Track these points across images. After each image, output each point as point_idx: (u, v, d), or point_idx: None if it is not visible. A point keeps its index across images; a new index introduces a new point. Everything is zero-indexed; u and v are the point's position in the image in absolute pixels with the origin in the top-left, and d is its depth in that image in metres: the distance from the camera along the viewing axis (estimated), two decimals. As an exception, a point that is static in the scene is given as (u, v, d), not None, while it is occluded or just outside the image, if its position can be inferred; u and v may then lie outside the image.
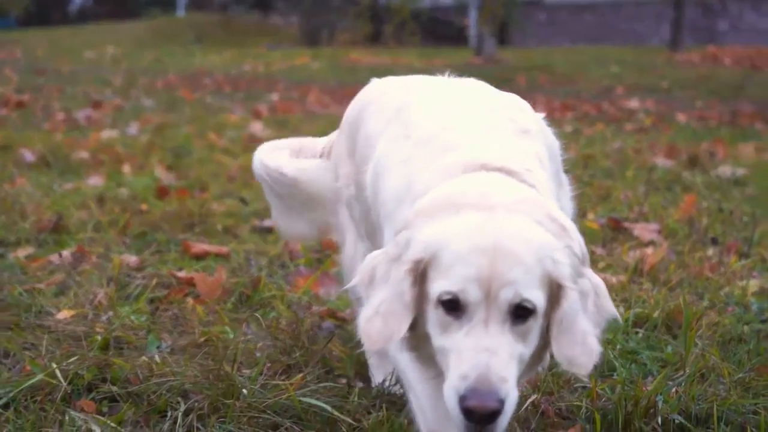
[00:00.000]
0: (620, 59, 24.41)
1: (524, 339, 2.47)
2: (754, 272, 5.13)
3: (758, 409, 3.28)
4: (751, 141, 11.07)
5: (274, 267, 5.29)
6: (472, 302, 2.43)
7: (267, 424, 3.10)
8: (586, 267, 2.62)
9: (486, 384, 2.35)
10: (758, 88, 18.31)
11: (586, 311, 2.55)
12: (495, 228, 2.49)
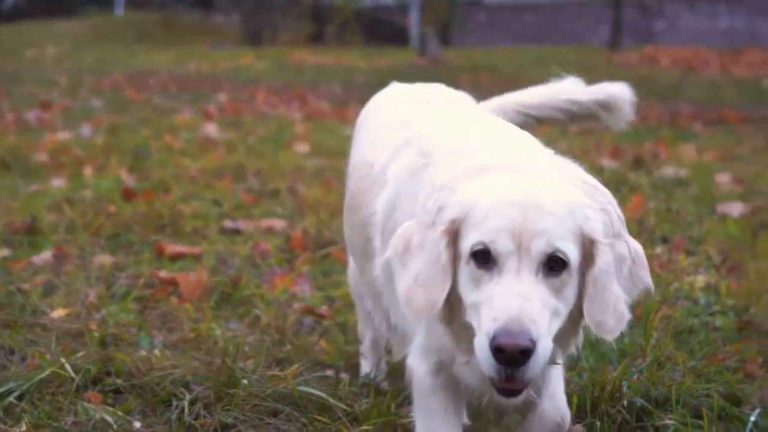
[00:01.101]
0: (561, 60, 24.80)
1: (558, 294, 2.47)
2: (700, 269, 5.48)
3: (710, 393, 3.60)
4: (690, 142, 11.50)
5: (248, 267, 5.53)
6: (504, 253, 2.45)
7: (268, 410, 3.36)
8: (624, 231, 2.63)
9: (517, 323, 2.36)
10: (695, 89, 18.85)
11: (621, 276, 2.56)
12: (527, 184, 2.54)
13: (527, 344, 2.34)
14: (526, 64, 24.40)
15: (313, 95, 17.05)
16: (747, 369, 3.96)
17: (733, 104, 16.66)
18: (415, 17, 33.22)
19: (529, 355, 2.35)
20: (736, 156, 10.71)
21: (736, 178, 9.01)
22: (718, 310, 4.77)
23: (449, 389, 2.79)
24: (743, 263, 5.68)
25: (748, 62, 24.87)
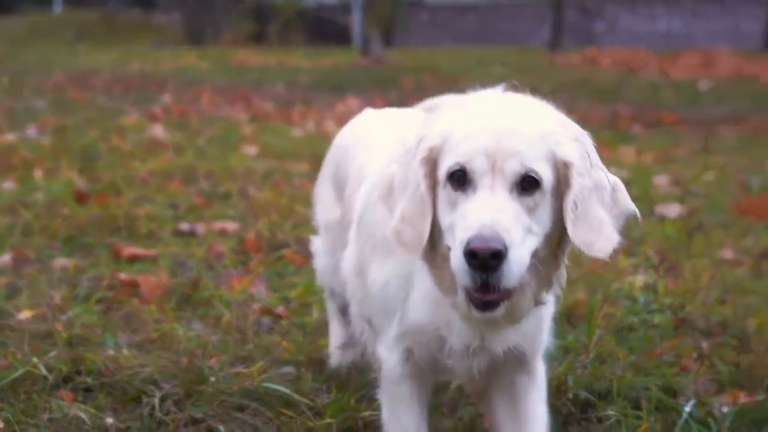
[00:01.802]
0: (503, 60, 25.20)
1: (531, 213, 2.55)
2: (639, 269, 5.75)
3: (649, 386, 3.84)
4: (630, 143, 11.82)
5: (204, 268, 5.69)
6: (478, 172, 2.55)
7: (235, 406, 3.55)
8: (600, 163, 2.72)
9: (489, 229, 2.43)
10: (634, 91, 19.25)
11: (603, 202, 2.64)
12: (502, 111, 2.65)
13: (498, 247, 2.41)
14: (468, 64, 24.69)
15: (258, 96, 17.16)
16: (682, 363, 4.21)
17: (670, 106, 17.07)
18: (357, 17, 33.38)
19: (501, 259, 2.42)
20: (673, 158, 11.05)
21: (674, 179, 9.33)
22: (656, 308, 5.02)
23: (417, 379, 2.98)
24: (680, 263, 5.96)
25: (685, 64, 25.40)
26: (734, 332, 4.65)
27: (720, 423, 3.58)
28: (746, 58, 26.45)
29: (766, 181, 9.53)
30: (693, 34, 35.35)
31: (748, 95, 19.42)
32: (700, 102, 18.18)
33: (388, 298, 2.92)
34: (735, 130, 14.11)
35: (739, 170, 10.22)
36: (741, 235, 7.05)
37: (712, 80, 21.95)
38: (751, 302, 5.24)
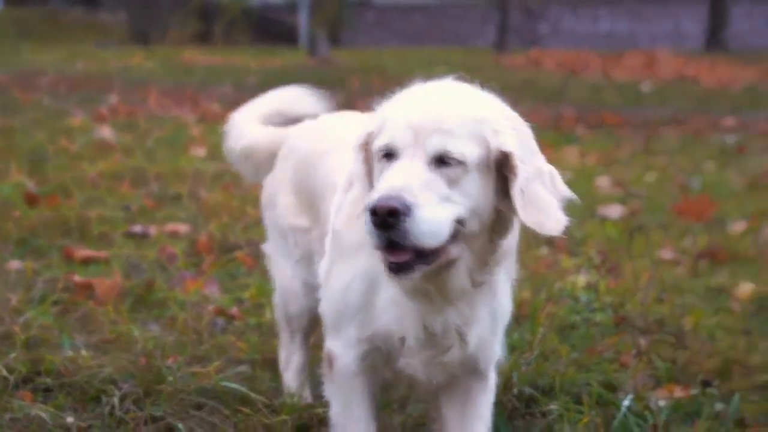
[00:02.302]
0: (449, 61, 25.37)
1: (453, 185, 2.66)
2: (581, 269, 5.94)
3: (590, 382, 4.02)
4: (573, 145, 12.06)
5: (157, 270, 5.78)
6: (401, 146, 2.68)
7: (193, 404, 3.67)
8: (538, 151, 2.82)
9: (393, 190, 2.58)
10: (578, 92, 19.56)
11: (545, 185, 2.76)
12: (438, 96, 2.77)
13: (394, 204, 2.54)
14: (415, 65, 24.86)
15: (205, 96, 17.18)
16: (622, 360, 4.40)
17: (613, 107, 17.38)
18: (304, 17, 33.47)
19: (398, 216, 2.54)
20: (616, 159, 11.30)
21: (616, 181, 9.56)
22: (597, 307, 5.22)
23: (370, 376, 3.09)
24: (620, 263, 6.16)
25: (628, 65, 25.81)
26: (671, 330, 4.85)
27: (656, 416, 3.76)
28: (687, 60, 26.93)
29: (705, 182, 9.81)
30: (635, 35, 35.87)
31: (688, 96, 19.83)
32: (642, 103, 18.52)
33: (350, 298, 3.01)
34: (676, 131, 14.41)
35: (679, 171, 10.49)
36: (680, 235, 7.27)
37: (654, 81, 22.37)
38: (688, 301, 5.45)
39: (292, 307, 3.78)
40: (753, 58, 28.14)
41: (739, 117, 16.38)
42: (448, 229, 2.65)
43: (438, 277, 2.78)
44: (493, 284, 2.94)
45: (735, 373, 4.25)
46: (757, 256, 6.67)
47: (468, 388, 3.12)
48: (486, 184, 2.72)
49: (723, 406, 3.86)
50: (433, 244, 2.63)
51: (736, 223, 7.62)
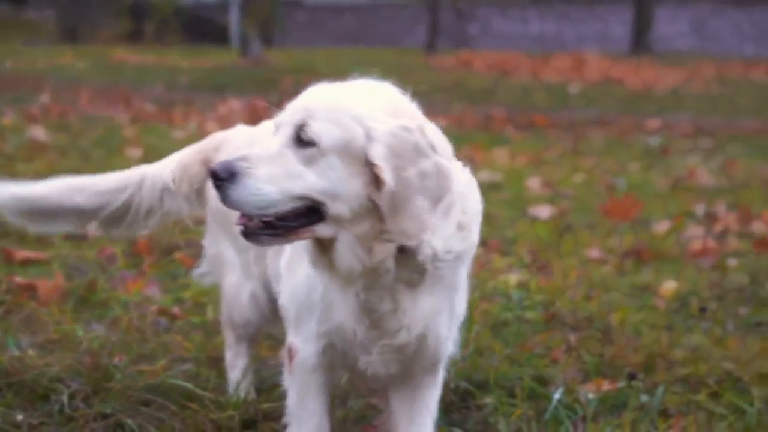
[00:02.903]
0: (380, 61, 25.52)
1: (309, 164, 2.78)
2: (513, 268, 6.14)
3: (522, 376, 4.19)
4: (503, 146, 12.30)
5: (98, 271, 5.86)
6: (278, 125, 2.88)
7: (141, 401, 3.77)
8: (429, 150, 2.85)
9: (232, 158, 2.80)
10: (508, 93, 19.86)
11: (426, 189, 2.81)
12: (335, 89, 2.91)
13: (215, 168, 2.78)
14: (346, 65, 24.92)
15: (138, 96, 17.15)
16: (552, 355, 4.59)
17: (542, 109, 17.71)
18: (235, 16, 33.41)
19: (221, 180, 2.76)
20: (545, 160, 11.56)
21: (545, 181, 9.81)
22: (528, 304, 5.42)
23: (327, 370, 3.22)
24: (550, 262, 6.38)
25: (556, 67, 26.23)
26: (599, 326, 5.05)
27: (585, 408, 3.94)
28: (614, 62, 27.45)
29: (630, 182, 10.10)
30: (563, 37, 36.42)
31: (614, 98, 20.25)
32: (570, 105, 18.88)
33: (309, 293, 3.13)
34: (602, 133, 14.75)
35: (605, 172, 10.79)
36: (607, 235, 7.51)
37: (582, 83, 22.77)
38: (614, 299, 5.66)
39: (236, 317, 3.87)
40: (677, 61, 28.77)
41: (663, 119, 16.80)
42: (279, 200, 2.79)
43: (326, 256, 2.91)
44: (450, 280, 3.06)
45: (659, 366, 4.45)
46: (680, 255, 6.92)
47: (418, 382, 3.26)
48: (350, 172, 2.80)
49: (648, 398, 4.06)
50: (258, 212, 2.80)
51: (660, 223, 7.88)
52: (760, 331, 5.05)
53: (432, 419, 3.29)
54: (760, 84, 24.33)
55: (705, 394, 4.13)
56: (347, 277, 2.94)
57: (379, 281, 2.95)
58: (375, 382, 3.32)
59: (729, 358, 4.50)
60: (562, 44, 35.03)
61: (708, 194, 9.52)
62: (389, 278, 2.95)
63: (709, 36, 37.38)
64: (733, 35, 37.67)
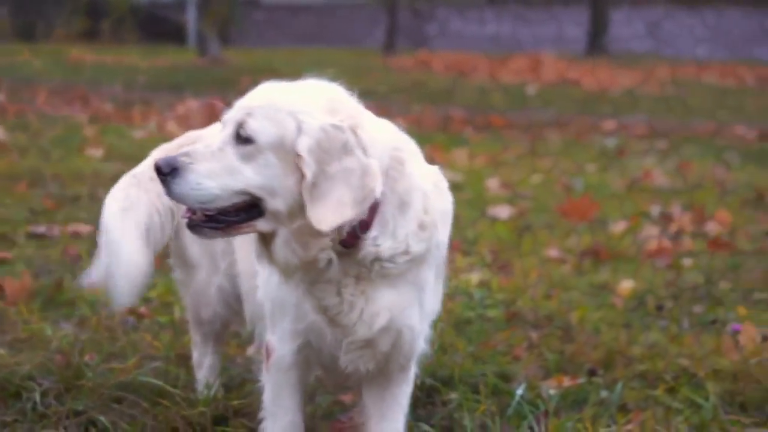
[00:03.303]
0: (338, 62, 25.66)
1: (247, 160, 2.91)
2: (474, 267, 6.25)
3: (486, 372, 4.31)
4: (463, 147, 12.41)
5: (64, 270, 5.90)
6: (223, 122, 3.00)
7: (113, 398, 3.83)
8: (358, 150, 2.93)
9: (177, 153, 2.96)
10: (466, 94, 19.99)
11: (350, 185, 2.91)
12: (280, 88, 3.03)
13: (160, 163, 2.93)
14: (305, 65, 24.86)
15: (96, 96, 17.08)
16: (514, 352, 4.71)
17: (500, 110, 17.85)
18: (192, 15, 33.28)
19: (163, 173, 2.92)
20: (503, 161, 11.69)
21: (504, 182, 9.93)
22: (490, 303, 5.54)
23: (302, 369, 3.30)
24: (511, 262, 6.50)
25: (513, 68, 26.41)
26: (559, 324, 5.18)
27: (547, 404, 4.05)
28: (570, 63, 27.68)
29: (587, 183, 10.25)
30: (520, 38, 36.67)
31: (571, 99, 20.44)
32: (527, 106, 19.04)
33: (285, 293, 3.20)
34: (559, 134, 14.91)
35: (563, 173, 10.93)
36: (565, 235, 7.65)
37: (539, 84, 22.97)
38: (574, 297, 5.79)
39: (204, 313, 3.94)
40: (632, 63, 29.08)
41: (619, 120, 17.01)
42: (219, 195, 2.92)
43: (268, 249, 3.02)
44: (414, 278, 3.14)
45: (617, 363, 4.58)
46: (636, 255, 7.06)
47: (390, 379, 3.34)
48: (286, 169, 2.91)
49: (607, 393, 4.19)
50: (200, 206, 2.95)
51: (617, 224, 8.03)
52: (714, 329, 5.19)
53: (403, 414, 3.38)
54: (712, 86, 24.67)
55: (662, 389, 4.26)
56: (285, 270, 3.05)
57: (322, 275, 3.05)
58: (351, 380, 3.41)
59: (685, 355, 4.63)
60: (519, 45, 35.28)
61: (663, 195, 9.69)
62: (332, 272, 3.04)
63: (664, 38, 37.82)
64: (686, 38, 38.14)
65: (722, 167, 11.77)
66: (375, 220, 3.04)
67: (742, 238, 7.61)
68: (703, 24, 38.47)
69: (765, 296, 5.90)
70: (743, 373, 4.36)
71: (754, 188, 9.98)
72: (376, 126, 3.11)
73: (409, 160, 3.14)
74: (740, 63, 30.86)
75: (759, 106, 20.43)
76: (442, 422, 3.92)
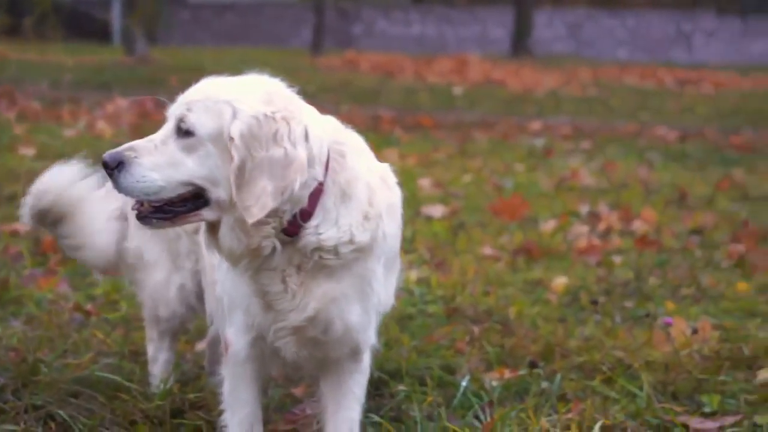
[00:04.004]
0: (266, 61, 25.49)
1: (191, 153, 3.06)
2: (414, 265, 6.40)
3: (431, 366, 4.47)
4: (393, 147, 12.56)
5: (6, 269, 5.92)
6: (167, 116, 3.15)
7: (70, 392, 3.90)
8: (287, 141, 3.05)
9: (121, 148, 3.09)
10: (394, 94, 20.16)
11: (274, 175, 3.03)
12: (218, 82, 3.16)
13: (106, 158, 3.07)
14: (233, 65, 24.81)
15: (22, 94, 16.88)
16: (457, 346, 4.87)
17: (427, 110, 18.05)
18: (117, 13, 32.98)
19: (110, 168, 3.07)
20: (434, 161, 11.86)
21: (435, 182, 10.10)
22: (430, 299, 5.70)
23: (258, 362, 3.41)
24: (447, 259, 6.67)
25: (439, 69, 26.69)
26: (498, 319, 5.36)
27: (491, 394, 4.23)
28: (495, 64, 28.05)
29: (516, 183, 10.48)
30: (445, 39, 37.04)
31: (497, 100, 20.74)
32: (454, 106, 19.27)
33: (238, 288, 3.32)
34: (487, 134, 15.14)
35: (492, 173, 11.15)
36: (497, 233, 7.84)
37: (465, 85, 23.25)
38: (510, 293, 5.98)
39: (162, 311, 4.06)
40: (555, 63, 29.58)
41: (544, 120, 17.32)
42: (164, 187, 3.06)
43: (215, 238, 3.16)
44: (360, 270, 3.26)
45: (556, 355, 4.77)
46: (567, 253, 7.28)
47: (343, 369, 3.47)
48: (225, 159, 3.04)
49: (548, 384, 4.37)
50: (147, 198, 3.09)
51: (547, 222, 8.25)
52: (645, 323, 5.40)
53: (358, 404, 3.51)
54: (633, 88, 25.20)
55: (599, 380, 4.46)
56: (231, 257, 3.18)
57: (267, 263, 3.18)
58: (297, 370, 3.55)
59: (619, 347, 4.83)
60: (444, 46, 35.65)
61: (590, 194, 9.95)
62: (276, 260, 3.18)
63: (585, 40, 38.50)
64: (607, 40, 38.86)
65: (645, 167, 12.10)
66: (317, 210, 3.16)
67: (668, 236, 7.87)
68: (623, 26, 39.24)
69: (691, 291, 6.15)
70: (675, 364, 4.57)
71: (676, 188, 10.30)
72: (316, 120, 3.24)
73: (350, 154, 3.29)
74: (659, 65, 31.56)
75: (678, 107, 20.96)
76: (391, 413, 4.06)
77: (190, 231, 3.89)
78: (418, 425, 3.87)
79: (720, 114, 20.09)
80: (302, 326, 3.25)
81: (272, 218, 3.11)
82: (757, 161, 13.39)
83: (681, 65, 32.68)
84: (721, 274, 6.69)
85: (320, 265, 3.20)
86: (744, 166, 12.79)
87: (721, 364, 4.63)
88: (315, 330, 3.27)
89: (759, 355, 4.81)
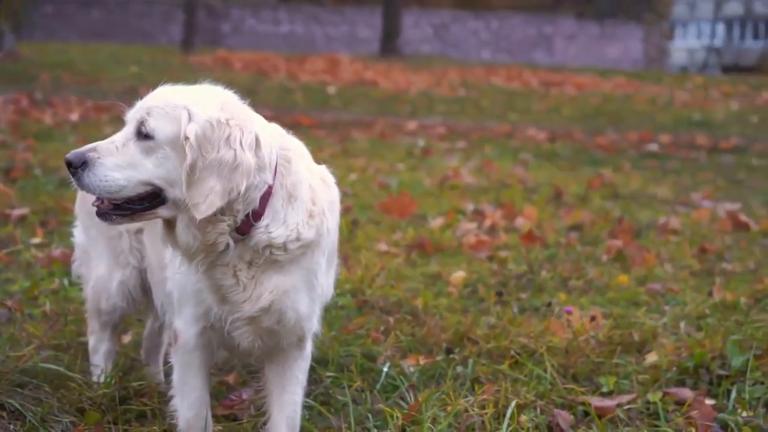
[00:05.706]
0: (137, 59, 25.48)
1: (150, 156, 3.28)
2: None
3: (353, 353, 4.77)
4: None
5: None
6: (126, 120, 3.38)
7: (15, 383, 4.04)
8: (239, 145, 3.27)
9: (83, 149, 3.30)
10: (269, 94, 20.31)
11: (222, 176, 3.26)
12: (177, 89, 3.40)
13: (69, 158, 3.29)
14: (104, 61, 24.75)
15: None
16: (373, 336, 5.17)
17: (303, 109, 18.30)
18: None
19: (74, 168, 3.28)
20: (319, 160, 12.03)
21: (324, 180, 10.34)
22: (339, 292, 5.96)
23: (206, 350, 3.65)
24: (348, 255, 6.95)
25: (311, 68, 26.92)
26: (407, 310, 5.68)
27: (410, 379, 4.56)
28: (366, 65, 28.44)
29: (401, 182, 10.84)
30: (314, 38, 37.30)
31: (370, 100, 21.14)
32: (329, 106, 19.57)
33: (187, 281, 3.56)
34: (365, 134, 15.49)
35: (377, 172, 11.48)
36: (390, 230, 8.16)
37: (338, 85, 23.57)
38: (413, 286, 6.31)
39: (104, 304, 4.26)
40: (423, 64, 30.16)
41: (419, 121, 17.77)
42: (124, 186, 3.28)
43: (172, 234, 3.40)
44: (307, 263, 3.53)
45: (465, 342, 5.12)
46: (458, 248, 7.65)
47: (287, 356, 3.73)
48: (182, 161, 3.26)
49: (462, 369, 4.72)
50: (108, 196, 3.30)
51: (435, 219, 8.61)
52: (541, 312, 5.80)
53: (302, 388, 3.79)
54: (500, 89, 25.96)
55: (507, 364, 4.82)
56: (186, 253, 3.43)
57: (220, 259, 3.43)
58: (247, 357, 3.80)
59: (523, 335, 5.20)
60: (313, 45, 35.93)
61: (472, 193, 10.37)
62: (229, 257, 3.43)
63: (451, 41, 39.31)
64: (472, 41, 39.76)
65: (521, 167, 12.62)
66: (267, 211, 3.43)
67: (550, 232, 8.33)
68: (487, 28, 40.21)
69: (580, 284, 6.58)
70: (574, 349, 4.97)
71: (552, 187, 10.82)
72: (265, 128, 3.50)
73: (295, 159, 3.57)
74: (522, 66, 32.48)
75: (545, 108, 21.74)
76: (321, 397, 4.34)
77: (133, 231, 4.10)
78: (349, 407, 4.15)
79: (584, 115, 20.95)
80: (256, 316, 3.51)
81: (227, 216, 3.36)
82: (622, 161, 14.12)
83: (542, 67, 33.68)
84: (603, 267, 7.15)
85: (271, 260, 3.47)
86: (611, 165, 13.47)
87: (615, 349, 5.05)
88: (270, 320, 3.53)
89: (647, 339, 5.26)
